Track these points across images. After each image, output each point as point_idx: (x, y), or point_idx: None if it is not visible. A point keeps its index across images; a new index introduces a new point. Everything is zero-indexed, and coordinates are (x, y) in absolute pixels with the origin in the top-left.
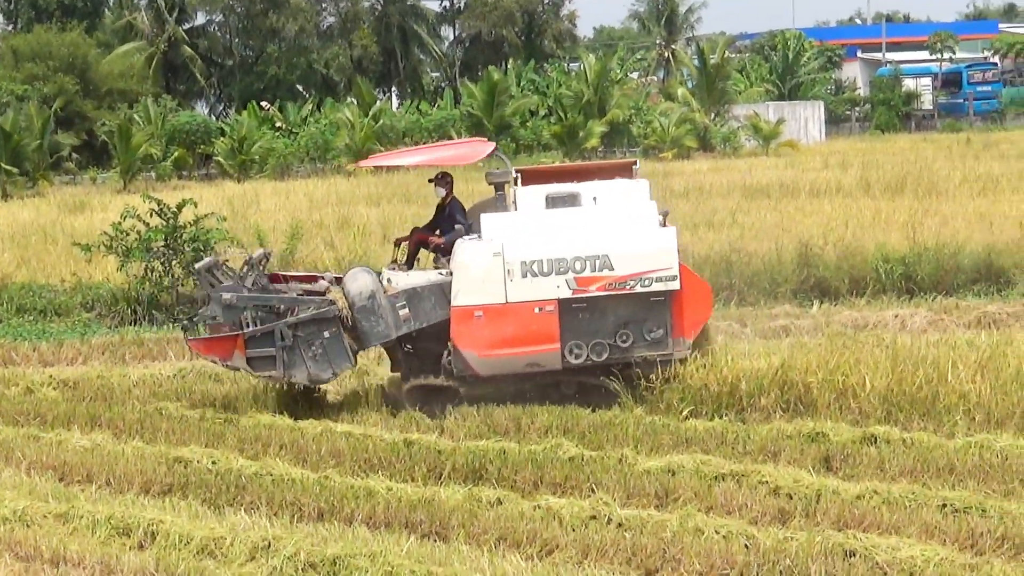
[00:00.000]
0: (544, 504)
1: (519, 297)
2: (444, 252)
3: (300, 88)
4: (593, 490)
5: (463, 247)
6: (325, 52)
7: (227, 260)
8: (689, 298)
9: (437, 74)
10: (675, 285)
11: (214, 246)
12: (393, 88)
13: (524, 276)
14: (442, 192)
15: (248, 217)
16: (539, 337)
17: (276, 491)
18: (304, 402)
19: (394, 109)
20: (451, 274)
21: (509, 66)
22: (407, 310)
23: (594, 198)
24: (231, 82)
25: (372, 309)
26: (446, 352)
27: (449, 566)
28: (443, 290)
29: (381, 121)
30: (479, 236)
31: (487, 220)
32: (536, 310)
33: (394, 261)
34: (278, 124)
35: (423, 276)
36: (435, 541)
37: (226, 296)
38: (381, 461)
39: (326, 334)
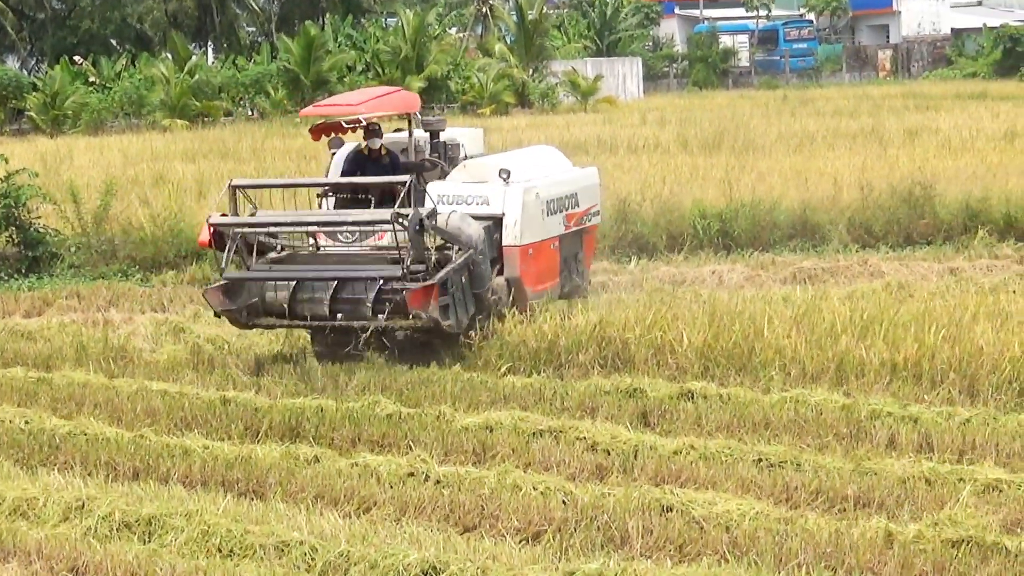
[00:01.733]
0: (362, 461)
1: (546, 234)
2: None
3: (114, 43)
4: (411, 447)
5: (513, 189)
6: (139, 6)
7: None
8: (594, 232)
9: (253, 29)
10: (599, 219)
11: (26, 203)
12: (209, 43)
13: (547, 215)
14: (377, 142)
15: (61, 173)
16: (554, 271)
17: (90, 450)
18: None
19: (210, 64)
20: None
21: (326, 21)
22: None
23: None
24: (43, 36)
25: (486, 253)
26: (488, 292)
27: (266, 524)
28: (489, 232)
29: (197, 76)
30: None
31: (513, 161)
32: (552, 246)
33: None
34: (92, 79)
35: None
36: (252, 499)
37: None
38: (197, 419)
39: (463, 279)
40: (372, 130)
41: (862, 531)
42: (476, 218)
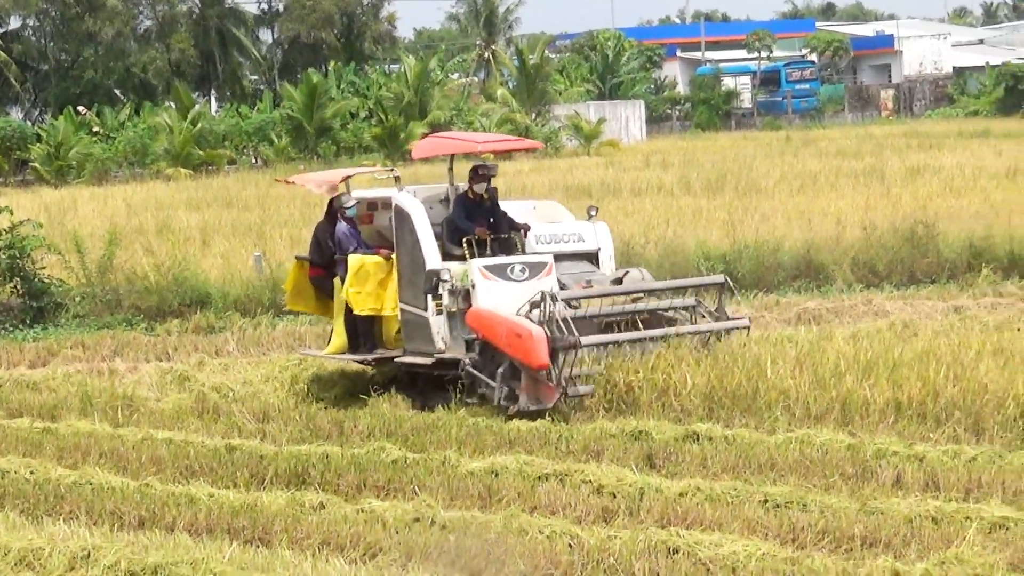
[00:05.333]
0: (367, 507)
1: None
2: None
3: (118, 92)
4: (416, 492)
5: (602, 225)
6: (143, 56)
7: None
8: None
9: (256, 77)
10: None
11: (30, 253)
12: (212, 91)
13: None
14: (484, 186)
15: (65, 223)
16: None
17: (96, 500)
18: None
19: (213, 112)
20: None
21: (329, 68)
22: None
23: None
24: (47, 87)
25: None
26: None
27: (272, 571)
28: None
29: (200, 125)
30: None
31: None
32: None
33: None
34: (95, 129)
35: None
36: (258, 547)
37: None
38: (203, 467)
39: None
40: (482, 175)
41: (869, 571)
42: (573, 255)
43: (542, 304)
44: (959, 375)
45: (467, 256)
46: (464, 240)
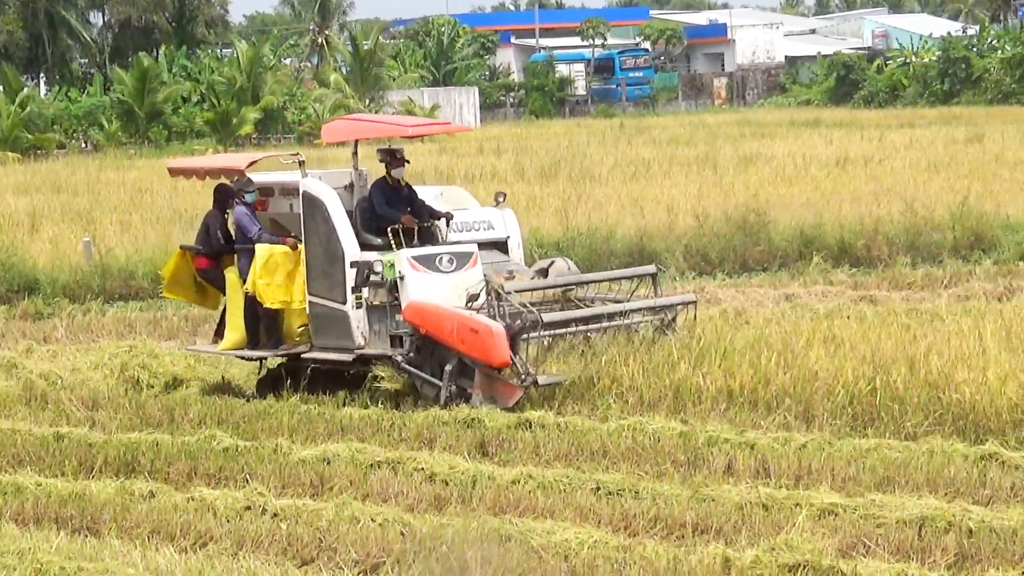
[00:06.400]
0: (198, 496)
1: None
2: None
3: None
4: (248, 480)
5: (509, 212)
6: None
7: None
8: None
9: (86, 60)
10: None
11: None
12: (41, 74)
13: None
14: (401, 171)
15: None
16: None
17: None
18: None
19: (42, 96)
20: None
21: (160, 52)
22: None
23: None
24: None
25: None
26: None
27: (100, 561)
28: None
29: (29, 108)
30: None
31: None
32: None
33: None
34: None
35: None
36: (86, 536)
37: None
38: (30, 456)
39: None
40: (399, 158)
41: (700, 557)
42: (484, 244)
43: (490, 299)
44: (790, 363)
45: (393, 246)
46: (389, 229)
